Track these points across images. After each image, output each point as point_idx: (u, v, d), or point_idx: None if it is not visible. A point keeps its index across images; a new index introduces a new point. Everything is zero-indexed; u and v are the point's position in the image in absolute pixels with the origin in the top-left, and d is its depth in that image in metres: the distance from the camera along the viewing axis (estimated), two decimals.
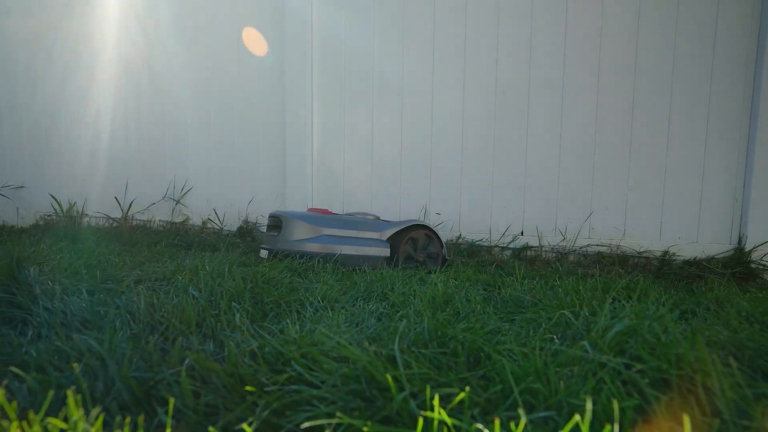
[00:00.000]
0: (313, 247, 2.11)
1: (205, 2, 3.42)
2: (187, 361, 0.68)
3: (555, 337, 0.89)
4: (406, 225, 2.27)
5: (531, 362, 0.70)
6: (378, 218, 2.38)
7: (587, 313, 1.07)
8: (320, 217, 2.22)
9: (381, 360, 0.67)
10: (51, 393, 0.55)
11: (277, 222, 2.22)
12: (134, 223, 3.71)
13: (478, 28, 2.79)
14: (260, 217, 3.39)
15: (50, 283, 1.22)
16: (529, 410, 0.65)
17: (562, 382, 0.66)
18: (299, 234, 2.14)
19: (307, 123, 3.16)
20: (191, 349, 0.83)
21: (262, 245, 2.27)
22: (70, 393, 0.50)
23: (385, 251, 2.21)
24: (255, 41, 3.31)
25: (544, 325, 1.05)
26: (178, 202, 3.61)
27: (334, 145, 3.18)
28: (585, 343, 0.73)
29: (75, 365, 0.61)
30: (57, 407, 0.63)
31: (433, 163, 2.96)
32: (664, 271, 2.41)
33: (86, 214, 3.81)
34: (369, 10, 3.00)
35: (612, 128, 2.61)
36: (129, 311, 1.10)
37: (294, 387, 0.65)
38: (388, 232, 2.24)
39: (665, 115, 2.52)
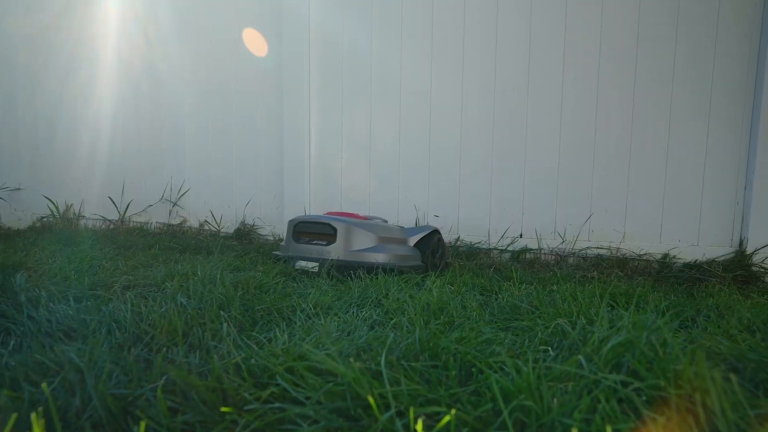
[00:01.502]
0: (378, 257, 1.90)
1: (203, 2, 3.40)
2: (165, 376, 0.65)
3: (550, 348, 0.86)
4: (429, 231, 2.21)
5: (524, 377, 0.67)
6: (385, 221, 2.34)
7: (585, 322, 1.04)
8: (371, 224, 2.03)
9: (366, 376, 0.65)
10: (14, 416, 0.52)
11: (326, 230, 1.95)
12: (131, 225, 3.68)
13: (476, 26, 2.77)
14: (257, 219, 3.37)
15: (37, 290, 1.19)
16: (521, 429, 0.62)
17: (555, 400, 0.63)
18: (360, 243, 1.92)
19: (304, 123, 3.14)
20: (175, 362, 0.81)
21: (300, 256, 1.95)
22: (34, 417, 0.47)
23: (419, 258, 2.10)
24: (254, 41, 3.29)
25: (540, 334, 1.02)
26: (175, 204, 3.59)
27: (331, 145, 3.16)
28: (580, 357, 0.70)
29: (44, 385, 0.59)
30: (24, 427, 0.61)
31: (431, 164, 2.93)
32: (664, 274, 2.38)
33: (83, 216, 3.79)
34: (367, 10, 2.98)
35: (612, 129, 2.58)
36: (115, 320, 1.07)
37: (277, 405, 0.62)
38: (415, 238, 2.14)
39: (665, 115, 2.49)
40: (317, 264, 1.87)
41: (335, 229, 1.92)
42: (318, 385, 0.66)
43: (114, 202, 3.67)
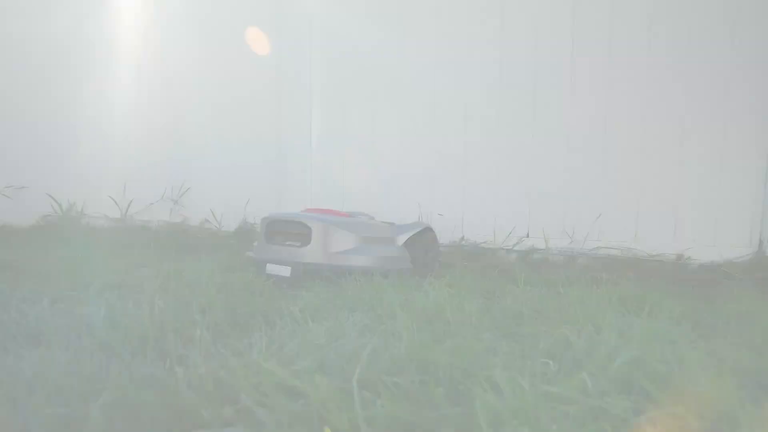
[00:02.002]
0: (359, 260, 1.71)
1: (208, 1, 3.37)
2: (104, 394, 0.58)
3: (551, 362, 0.78)
4: (420, 228, 2.05)
5: (518, 398, 0.58)
6: (372, 218, 2.23)
7: (592, 330, 0.95)
8: (352, 222, 1.86)
9: (336, 395, 0.57)
10: None
11: (301, 229, 1.72)
12: (133, 223, 3.66)
13: (481, 22, 2.67)
14: (258, 218, 3.31)
15: (9, 291, 1.14)
16: None
17: (555, 426, 0.54)
18: (339, 244, 1.71)
19: (305, 121, 3.08)
20: (134, 373, 0.73)
21: (270, 259, 1.75)
22: None
23: (407, 259, 1.92)
24: (256, 40, 3.24)
25: (542, 343, 0.93)
26: (176, 202, 3.56)
27: (333, 143, 3.09)
28: (584, 375, 0.62)
29: None
30: None
31: (435, 162, 2.85)
32: (678, 275, 2.26)
33: (86, 215, 3.77)
34: (371, 7, 2.90)
35: (623, 123, 2.46)
36: (87, 323, 1.01)
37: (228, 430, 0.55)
38: (404, 237, 1.96)
39: (681, 107, 2.36)
40: (290, 268, 1.67)
41: (310, 229, 1.70)
42: (284, 405, 0.58)
43: (115, 201, 3.64)
